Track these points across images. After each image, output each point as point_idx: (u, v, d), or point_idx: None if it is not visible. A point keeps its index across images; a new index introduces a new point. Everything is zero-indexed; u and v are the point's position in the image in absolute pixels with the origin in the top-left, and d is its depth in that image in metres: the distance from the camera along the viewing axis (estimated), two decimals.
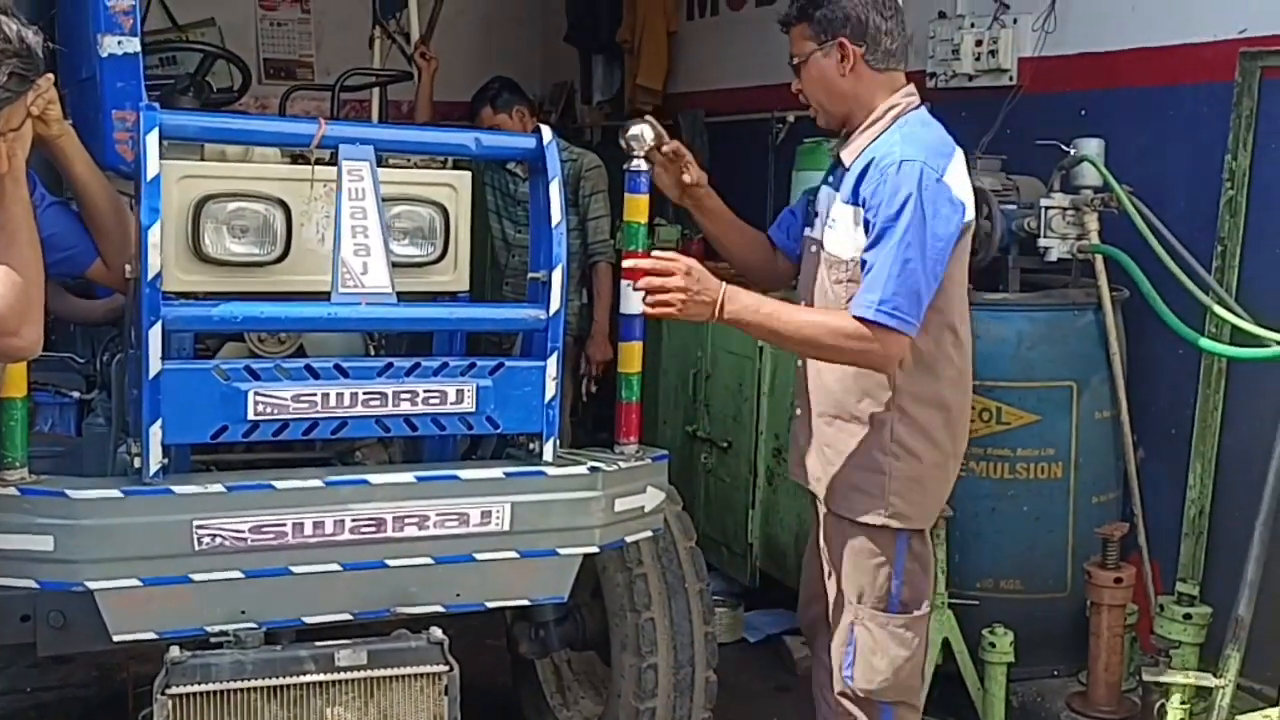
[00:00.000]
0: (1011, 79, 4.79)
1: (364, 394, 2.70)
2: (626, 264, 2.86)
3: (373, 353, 3.23)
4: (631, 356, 3.04)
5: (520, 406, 2.84)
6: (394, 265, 2.90)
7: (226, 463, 3.19)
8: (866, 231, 2.80)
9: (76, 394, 3.63)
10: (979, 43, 4.87)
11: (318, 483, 2.68)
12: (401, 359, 2.77)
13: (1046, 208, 4.04)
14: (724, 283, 2.77)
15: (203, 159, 2.91)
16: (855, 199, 2.85)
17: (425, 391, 2.75)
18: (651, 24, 7.23)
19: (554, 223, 2.83)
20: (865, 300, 2.73)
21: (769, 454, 4.97)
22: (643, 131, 2.96)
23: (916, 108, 2.96)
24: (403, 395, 2.73)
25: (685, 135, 6.86)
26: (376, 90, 6.08)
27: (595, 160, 5.37)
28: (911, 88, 2.99)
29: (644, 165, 2.97)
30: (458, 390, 2.78)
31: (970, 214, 2.87)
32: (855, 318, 2.74)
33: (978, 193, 4.14)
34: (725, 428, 5.19)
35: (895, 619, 2.95)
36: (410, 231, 2.97)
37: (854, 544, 2.97)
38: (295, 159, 2.96)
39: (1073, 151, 4.04)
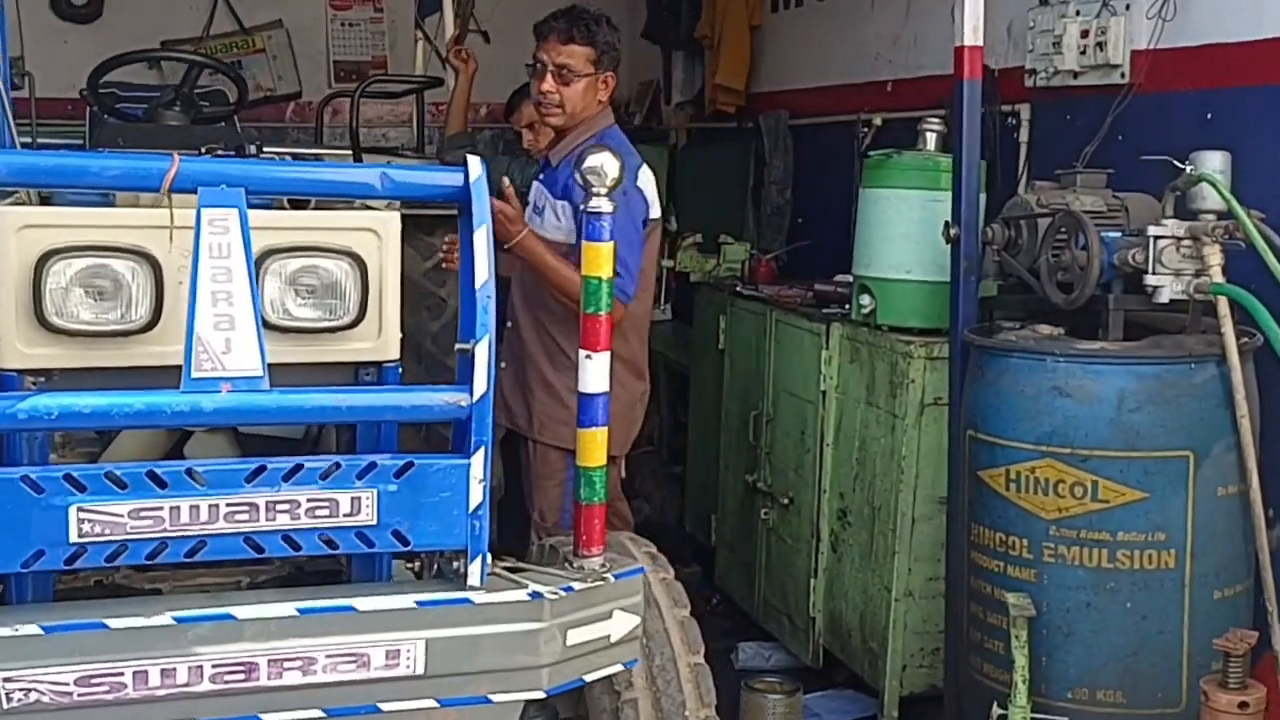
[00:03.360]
0: (1123, 76, 4.02)
1: (226, 506, 2.12)
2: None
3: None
4: (592, 447, 2.40)
5: (437, 516, 2.23)
6: (296, 331, 2.36)
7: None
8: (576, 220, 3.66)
9: None
10: (1085, 34, 4.10)
11: (166, 619, 2.10)
12: (278, 460, 2.18)
13: (1156, 238, 3.28)
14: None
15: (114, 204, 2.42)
16: (564, 193, 3.75)
17: (309, 501, 2.16)
18: (733, 17, 6.52)
19: (479, 282, 2.22)
20: None
21: (834, 515, 4.31)
22: (603, 163, 2.33)
23: (613, 127, 3.91)
24: (279, 506, 2.15)
25: (767, 140, 6.20)
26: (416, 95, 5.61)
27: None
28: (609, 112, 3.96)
29: (606, 206, 2.35)
30: (352, 499, 2.18)
31: (655, 211, 3.85)
32: None
33: (1072, 216, 3.47)
34: (787, 481, 4.54)
35: None
36: (315, 290, 2.38)
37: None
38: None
39: (1189, 169, 3.27)
